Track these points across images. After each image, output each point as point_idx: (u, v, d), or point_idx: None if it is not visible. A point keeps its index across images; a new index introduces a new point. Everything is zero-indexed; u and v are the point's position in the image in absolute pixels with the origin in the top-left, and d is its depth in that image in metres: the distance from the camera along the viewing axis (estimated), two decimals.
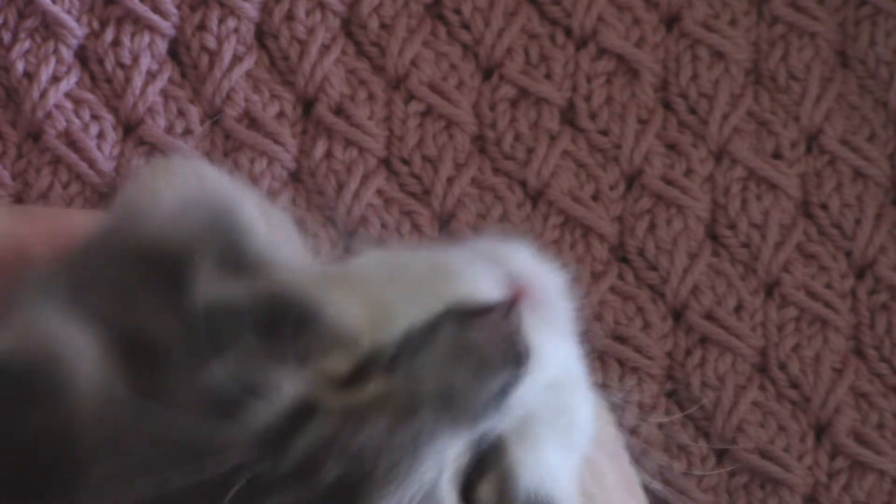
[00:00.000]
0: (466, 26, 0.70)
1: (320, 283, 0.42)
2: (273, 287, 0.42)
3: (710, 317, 0.68)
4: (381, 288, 0.42)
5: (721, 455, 0.68)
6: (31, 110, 0.68)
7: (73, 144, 0.68)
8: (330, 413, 0.39)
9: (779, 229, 0.69)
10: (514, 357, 0.41)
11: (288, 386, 0.39)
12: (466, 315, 0.41)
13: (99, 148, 0.68)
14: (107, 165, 0.68)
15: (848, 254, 0.69)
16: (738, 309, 0.69)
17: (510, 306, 0.42)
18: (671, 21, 0.71)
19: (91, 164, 0.68)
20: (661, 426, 0.67)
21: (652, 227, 0.69)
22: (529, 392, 0.41)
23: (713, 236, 0.69)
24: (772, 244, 0.69)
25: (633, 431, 0.67)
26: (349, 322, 0.41)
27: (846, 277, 0.69)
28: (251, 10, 0.69)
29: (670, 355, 0.68)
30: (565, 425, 0.43)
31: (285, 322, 0.40)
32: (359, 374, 0.40)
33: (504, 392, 0.41)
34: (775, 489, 0.67)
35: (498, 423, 0.41)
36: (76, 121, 0.68)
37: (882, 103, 0.70)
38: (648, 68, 0.70)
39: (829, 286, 0.69)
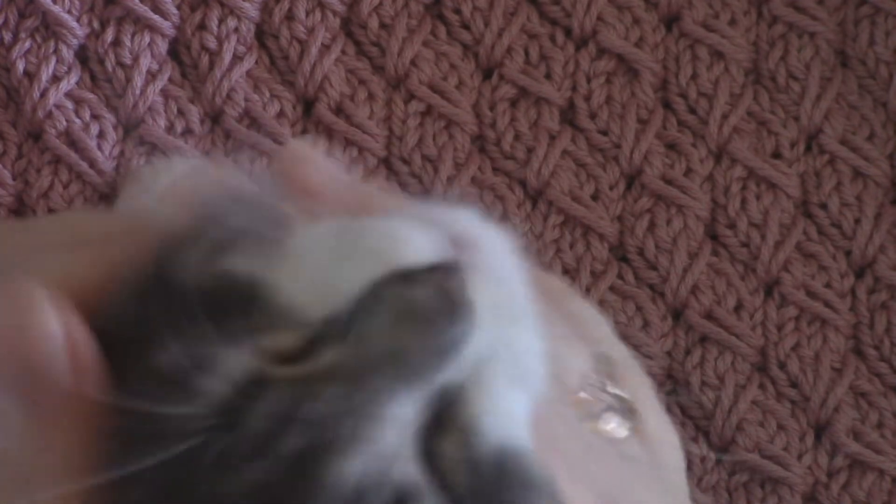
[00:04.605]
0: (466, 26, 0.70)
1: (267, 259, 0.43)
2: (221, 266, 0.42)
3: (709, 316, 0.68)
4: (323, 260, 0.42)
5: (721, 455, 0.68)
6: (31, 110, 0.68)
7: (73, 144, 0.68)
8: (281, 387, 0.39)
9: (778, 229, 0.69)
10: (458, 313, 0.41)
11: (235, 363, 0.39)
12: (408, 276, 0.42)
13: (99, 148, 0.68)
14: (107, 165, 0.68)
15: (847, 253, 0.69)
16: (738, 308, 0.69)
17: (451, 265, 0.42)
18: (671, 21, 0.71)
19: (92, 163, 0.68)
20: None
21: (652, 226, 0.69)
22: (477, 342, 0.41)
23: (713, 236, 0.69)
24: (771, 243, 0.69)
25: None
26: (293, 297, 0.41)
27: (846, 277, 0.69)
28: (251, 10, 0.69)
29: (670, 354, 0.68)
30: (511, 357, 0.42)
31: (231, 301, 0.41)
32: (310, 346, 0.41)
33: (454, 348, 0.41)
34: (775, 488, 0.67)
35: (452, 377, 0.41)
36: (77, 120, 0.68)
37: (882, 103, 0.70)
38: (648, 68, 0.70)
39: (828, 285, 0.69)
